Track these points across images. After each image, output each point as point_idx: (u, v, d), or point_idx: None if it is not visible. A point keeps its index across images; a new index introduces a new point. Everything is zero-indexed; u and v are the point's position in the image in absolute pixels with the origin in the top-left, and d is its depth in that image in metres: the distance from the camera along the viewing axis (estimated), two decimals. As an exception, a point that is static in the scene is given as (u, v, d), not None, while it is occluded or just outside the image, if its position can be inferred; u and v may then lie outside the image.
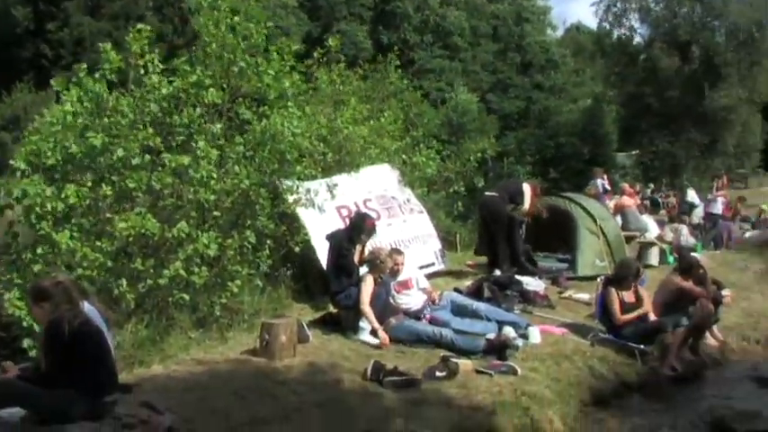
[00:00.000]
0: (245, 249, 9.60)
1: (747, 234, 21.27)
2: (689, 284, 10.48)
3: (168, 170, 9.01)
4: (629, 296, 10.15)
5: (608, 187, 23.62)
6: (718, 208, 23.48)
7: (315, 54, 14.21)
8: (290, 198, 10.61)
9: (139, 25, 9.53)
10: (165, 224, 8.81)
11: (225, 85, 10.19)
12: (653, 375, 9.48)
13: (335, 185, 11.46)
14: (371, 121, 14.30)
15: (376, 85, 17.59)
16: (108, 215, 8.84)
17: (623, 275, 10.30)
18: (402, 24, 47.00)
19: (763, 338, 11.94)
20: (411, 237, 12.73)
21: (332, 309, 10.25)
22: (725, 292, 11.75)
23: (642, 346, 9.69)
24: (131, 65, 9.48)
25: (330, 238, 10.38)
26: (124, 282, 8.42)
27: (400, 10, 46.79)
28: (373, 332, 9.31)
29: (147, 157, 9.04)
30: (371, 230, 10.52)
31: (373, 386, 7.68)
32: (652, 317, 10.15)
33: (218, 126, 9.92)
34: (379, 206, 12.55)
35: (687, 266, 10.84)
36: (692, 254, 14.04)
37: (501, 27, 52.01)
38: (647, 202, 27.62)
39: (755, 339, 11.78)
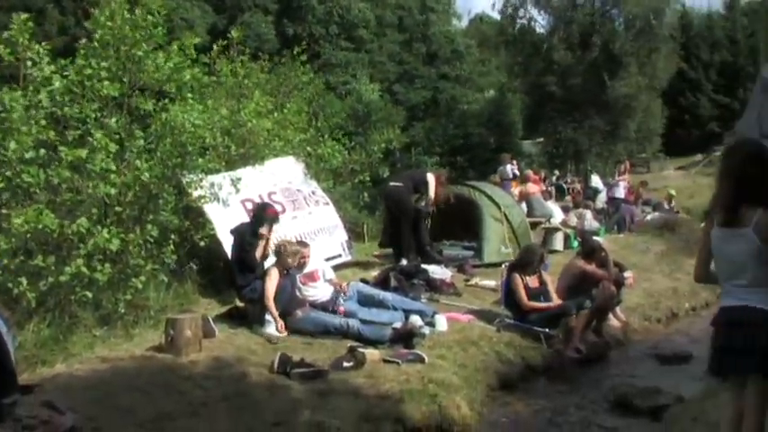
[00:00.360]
0: (149, 244, 9.45)
1: (649, 217, 21.81)
2: (591, 267, 10.73)
3: (65, 164, 8.80)
4: (533, 281, 10.36)
5: (517, 172, 23.89)
6: (621, 192, 23.99)
7: (215, 46, 14.08)
8: (195, 193, 10.48)
9: (22, 15, 9.18)
10: (64, 220, 8.61)
11: (123, 78, 9.98)
12: (558, 358, 9.69)
13: (239, 179, 11.30)
14: (275, 114, 14.20)
15: (281, 79, 17.50)
16: (4, 211, 8.60)
17: (528, 261, 10.49)
18: (307, 16, 46.66)
19: (664, 317, 12.39)
20: (317, 229, 12.72)
21: (238, 303, 10.16)
22: (627, 274, 12.05)
23: (547, 330, 9.89)
24: (21, 59, 9.20)
25: (234, 232, 10.30)
26: (24, 280, 8.18)
27: (305, 2, 46.46)
28: (279, 325, 9.32)
29: (42, 151, 8.80)
30: (274, 219, 10.48)
31: (280, 379, 7.68)
32: (557, 300, 10.35)
33: (114, 120, 9.69)
34: (285, 199, 12.49)
35: (590, 250, 11.10)
36: (596, 237, 14.38)
37: (406, 17, 51.99)
38: (552, 189, 28.08)
39: (656, 318, 12.22)
